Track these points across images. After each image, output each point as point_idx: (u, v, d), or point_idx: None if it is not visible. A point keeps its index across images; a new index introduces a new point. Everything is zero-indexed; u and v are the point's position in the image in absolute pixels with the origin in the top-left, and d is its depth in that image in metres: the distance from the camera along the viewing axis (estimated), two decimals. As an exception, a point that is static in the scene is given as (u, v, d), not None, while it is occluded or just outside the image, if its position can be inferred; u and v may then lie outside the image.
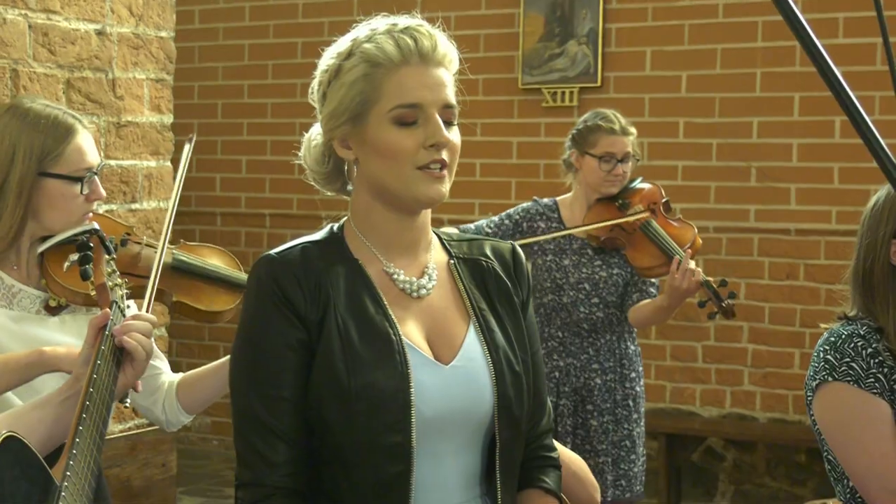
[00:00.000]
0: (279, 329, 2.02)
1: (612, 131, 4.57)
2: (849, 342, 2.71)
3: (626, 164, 4.57)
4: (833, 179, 6.64)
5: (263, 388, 2.03)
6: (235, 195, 8.15)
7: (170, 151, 4.94)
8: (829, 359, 2.71)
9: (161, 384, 2.97)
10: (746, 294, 6.85)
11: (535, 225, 4.64)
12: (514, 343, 2.17)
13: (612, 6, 7.09)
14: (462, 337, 2.13)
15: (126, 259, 2.97)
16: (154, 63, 4.81)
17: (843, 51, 6.44)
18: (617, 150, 4.56)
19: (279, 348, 2.02)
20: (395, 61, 2.05)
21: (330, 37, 2.22)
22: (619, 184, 4.59)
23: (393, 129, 2.04)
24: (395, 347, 2.03)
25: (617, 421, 4.56)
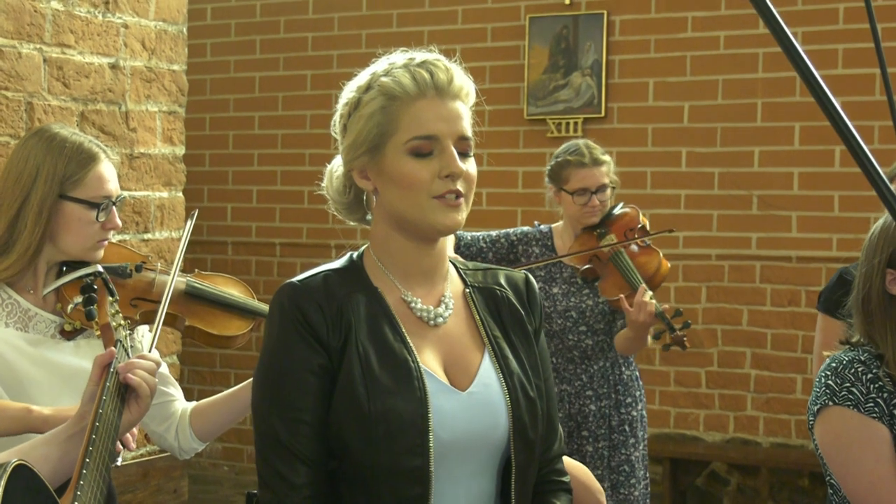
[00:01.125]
0: (301, 354, 2.04)
1: (581, 165, 4.50)
2: (849, 368, 2.71)
3: (602, 195, 4.52)
4: (833, 207, 6.64)
5: (285, 412, 2.04)
6: (246, 224, 8.16)
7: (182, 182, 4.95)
8: (830, 384, 2.71)
9: (174, 411, 2.97)
10: (749, 321, 6.84)
11: (531, 250, 4.64)
12: (528, 369, 2.19)
13: (615, 38, 7.11)
14: (477, 364, 2.15)
15: (141, 285, 2.99)
16: (166, 96, 4.83)
17: (843, 81, 6.45)
18: (590, 183, 4.50)
19: (301, 373, 2.04)
20: (412, 94, 2.08)
21: (338, 69, 2.24)
22: (599, 214, 4.55)
23: (409, 160, 2.07)
24: (414, 374, 2.05)
25: (613, 446, 4.52)
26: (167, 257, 4.74)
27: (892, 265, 2.76)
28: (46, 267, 2.86)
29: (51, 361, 2.79)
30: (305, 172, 7.78)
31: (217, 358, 7.98)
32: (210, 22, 8.19)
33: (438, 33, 7.43)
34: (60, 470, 2.26)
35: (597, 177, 4.51)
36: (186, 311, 3.03)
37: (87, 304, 2.61)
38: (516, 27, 7.34)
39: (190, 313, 3.03)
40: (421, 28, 7.52)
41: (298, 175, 7.89)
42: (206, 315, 3.07)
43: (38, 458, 2.22)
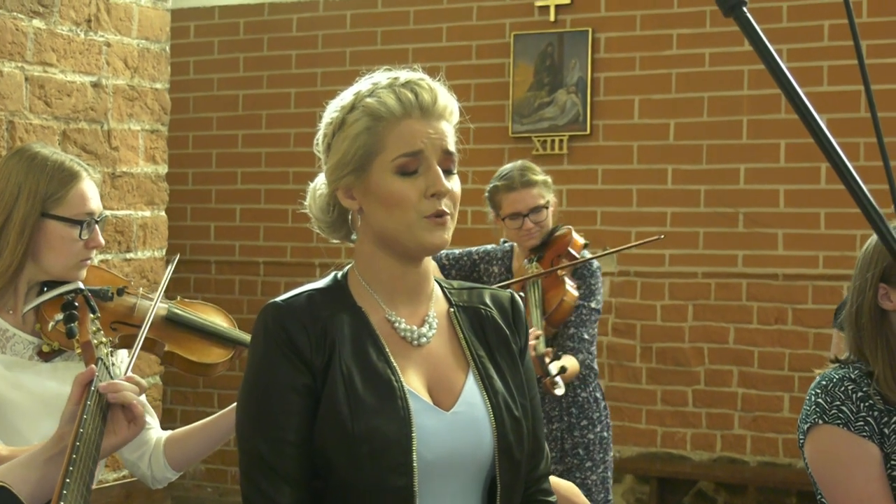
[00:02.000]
0: (285, 374, 2.05)
1: (510, 189, 4.47)
2: (839, 386, 2.71)
3: (536, 216, 4.48)
4: (819, 225, 6.66)
5: (269, 432, 2.04)
6: (230, 243, 8.15)
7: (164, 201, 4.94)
8: (819, 402, 2.71)
9: (149, 439, 2.96)
10: (735, 339, 6.85)
11: (491, 269, 4.62)
12: (513, 389, 2.19)
13: (600, 55, 7.13)
14: (461, 384, 2.15)
15: (122, 309, 2.98)
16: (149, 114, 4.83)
17: (828, 99, 6.48)
18: (520, 206, 4.47)
19: (285, 392, 2.04)
20: (397, 115, 2.09)
21: (322, 87, 2.25)
22: (537, 236, 4.52)
23: (396, 178, 2.08)
24: (398, 393, 2.06)
25: (567, 470, 4.48)
26: (150, 277, 4.73)
27: (886, 279, 2.76)
28: (27, 287, 2.85)
29: (29, 384, 2.78)
30: (289, 190, 7.78)
31: (200, 379, 7.95)
32: (193, 40, 8.19)
33: (423, 51, 7.44)
34: (39, 493, 2.23)
35: (527, 199, 4.47)
36: (166, 337, 3.03)
37: (68, 322, 2.60)
38: (501, 45, 7.36)
39: (170, 339, 3.03)
40: (405, 46, 7.53)
41: (282, 193, 7.89)
42: (186, 342, 3.06)
43: (17, 480, 2.21)
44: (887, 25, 6.47)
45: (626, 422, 7.08)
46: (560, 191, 7.13)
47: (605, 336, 7.08)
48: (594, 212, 7.12)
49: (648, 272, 7.03)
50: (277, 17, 7.99)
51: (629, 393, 7.08)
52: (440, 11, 7.51)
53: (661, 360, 7.00)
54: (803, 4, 6.66)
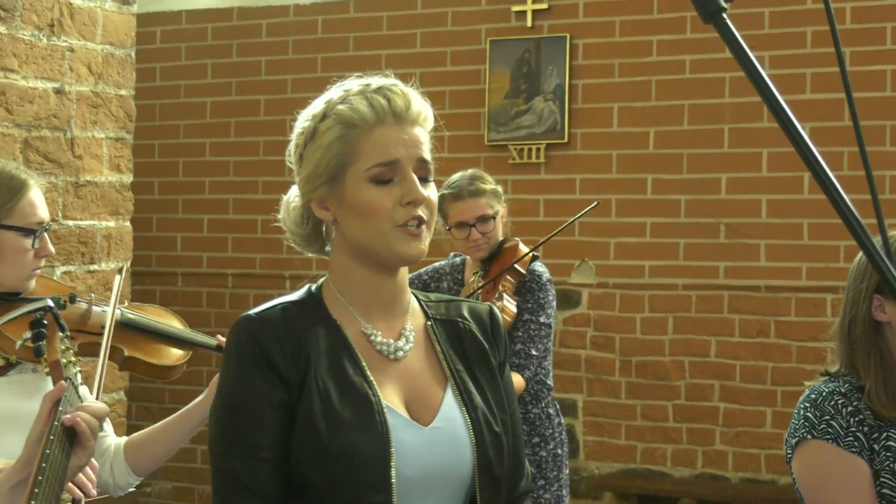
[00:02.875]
0: (260, 388, 2.04)
1: (457, 198, 4.48)
2: (829, 400, 2.72)
3: (483, 226, 4.48)
4: (803, 235, 6.69)
5: (243, 448, 2.04)
6: (197, 255, 8.13)
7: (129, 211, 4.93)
8: (808, 416, 2.72)
9: (107, 447, 2.96)
10: (717, 352, 6.87)
11: (440, 286, 4.61)
12: (493, 404, 2.20)
13: (578, 62, 7.15)
14: (440, 398, 2.16)
15: (75, 317, 2.99)
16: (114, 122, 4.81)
17: (811, 106, 6.51)
18: (467, 216, 4.47)
19: (259, 407, 2.04)
20: (370, 122, 2.09)
21: (293, 94, 2.25)
22: (485, 247, 4.51)
23: (370, 188, 2.08)
24: (375, 408, 2.06)
25: None
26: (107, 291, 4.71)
27: (880, 291, 2.77)
28: None
29: None
30: (258, 201, 7.77)
31: (166, 394, 7.92)
32: (160, 45, 8.17)
33: (396, 57, 7.45)
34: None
35: (473, 209, 4.47)
36: (125, 342, 3.04)
37: (37, 340, 2.60)
38: (477, 51, 7.37)
39: (128, 344, 3.05)
40: (378, 52, 7.53)
41: (251, 203, 7.87)
42: (144, 345, 3.08)
43: None
44: (871, 32, 6.51)
45: (604, 437, 7.09)
46: (537, 201, 7.15)
47: (583, 349, 7.09)
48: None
49: (628, 284, 7.04)
50: (246, 23, 7.98)
51: (608, 408, 7.09)
52: (414, 17, 7.52)
53: (641, 374, 7.01)
54: (786, 11, 6.69)
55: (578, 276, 7.13)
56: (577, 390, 7.11)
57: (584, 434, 7.13)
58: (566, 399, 7.09)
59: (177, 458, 7.58)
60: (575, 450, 7.10)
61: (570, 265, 7.13)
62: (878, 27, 6.53)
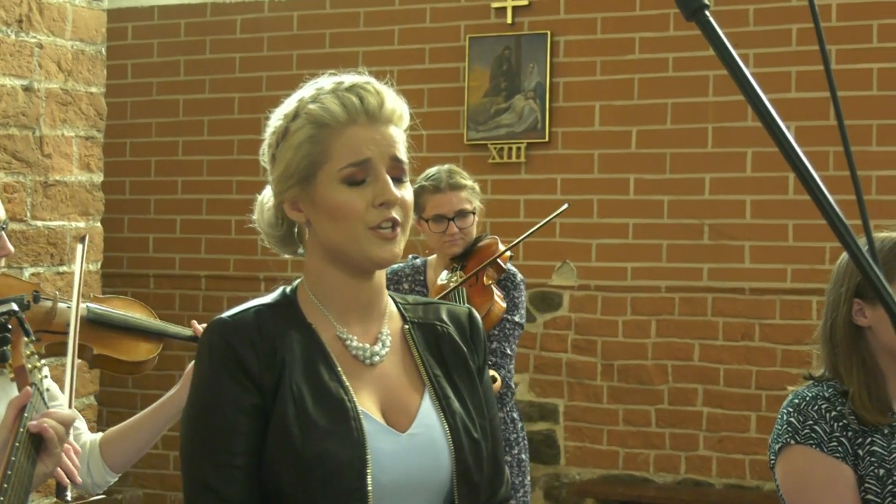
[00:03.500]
0: (232, 393, 2.03)
1: (436, 190, 4.50)
2: (813, 405, 2.73)
3: (461, 221, 4.50)
4: (788, 237, 6.71)
5: (215, 455, 2.03)
6: (169, 256, 8.11)
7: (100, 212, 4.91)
8: (792, 421, 2.73)
9: (82, 445, 2.95)
10: (700, 355, 6.89)
11: (400, 288, 4.61)
12: (472, 409, 2.20)
13: (559, 60, 7.16)
14: (417, 404, 2.15)
15: (40, 316, 2.97)
16: (84, 120, 4.80)
17: (796, 105, 6.54)
18: (446, 209, 4.49)
19: (232, 413, 2.03)
20: (342, 121, 2.09)
21: (268, 92, 2.25)
22: (460, 243, 4.53)
23: (342, 189, 2.07)
24: (351, 415, 2.05)
25: None
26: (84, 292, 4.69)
27: (860, 295, 2.78)
28: None
29: None
30: (233, 201, 7.75)
31: (137, 398, 7.90)
32: (131, 41, 8.15)
33: (373, 54, 7.44)
34: None
35: (454, 202, 4.50)
36: (93, 340, 3.03)
37: (1, 345, 2.59)
38: (456, 48, 7.37)
39: (96, 341, 3.03)
40: (355, 49, 7.53)
41: (225, 204, 7.86)
42: (113, 341, 3.07)
43: None
44: (857, 30, 6.54)
45: (586, 443, 7.10)
46: (517, 201, 7.16)
47: (564, 353, 7.10)
48: (553, 223, 7.12)
49: (610, 286, 7.05)
50: (220, 18, 7.96)
51: (589, 412, 7.10)
52: (392, 13, 7.52)
53: (623, 378, 7.02)
54: (770, 7, 6.71)
55: (559, 278, 7.14)
56: (557, 394, 7.12)
57: (565, 439, 7.13)
58: (547, 403, 7.10)
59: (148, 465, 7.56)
60: (556, 455, 7.10)
61: (551, 267, 7.14)
62: (865, 24, 6.55)
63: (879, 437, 2.71)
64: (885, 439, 2.71)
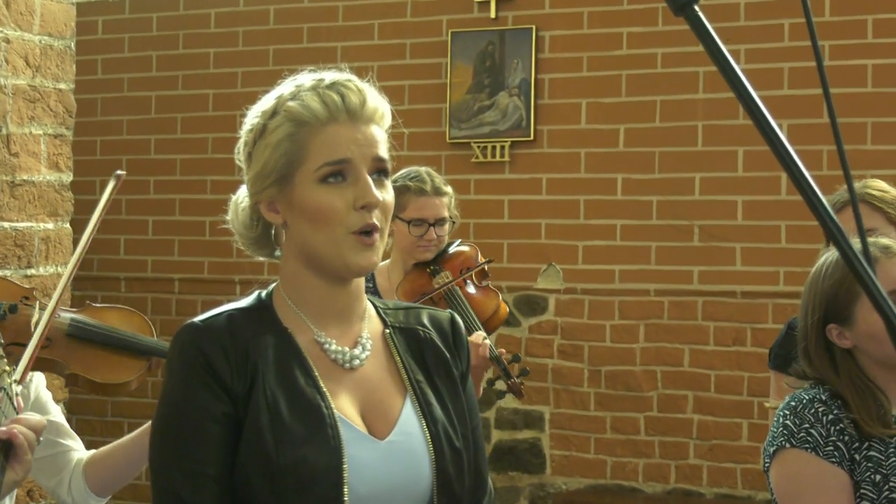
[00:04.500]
0: (203, 401, 2.03)
1: (421, 192, 4.47)
2: (809, 407, 2.74)
3: (440, 228, 4.50)
4: (780, 238, 6.72)
5: (186, 464, 2.03)
6: (141, 259, 8.09)
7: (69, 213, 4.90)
8: (787, 424, 2.74)
9: (68, 462, 2.92)
10: (691, 361, 6.90)
11: None
12: (454, 417, 2.20)
13: (544, 55, 7.16)
14: (398, 410, 2.15)
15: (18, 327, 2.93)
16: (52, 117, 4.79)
17: (789, 102, 6.55)
18: (428, 213, 4.48)
19: (203, 421, 2.02)
20: (322, 119, 2.08)
21: (243, 88, 2.24)
22: (434, 249, 4.53)
23: (321, 189, 2.07)
24: (327, 421, 2.05)
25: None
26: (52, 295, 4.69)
27: (832, 318, 2.80)
28: None
29: None
30: (207, 201, 7.74)
31: (108, 406, 7.89)
32: (101, 36, 8.14)
33: (353, 49, 7.44)
34: None
35: (437, 207, 4.48)
36: (69, 357, 2.97)
37: None
38: (437, 43, 7.37)
39: (73, 359, 2.98)
40: (334, 44, 7.53)
41: (199, 204, 7.85)
42: (92, 360, 3.01)
43: None
44: (851, 25, 6.55)
45: (572, 451, 7.11)
46: (501, 201, 7.16)
47: (550, 359, 7.11)
48: (538, 224, 7.14)
49: (597, 289, 7.06)
50: (194, 12, 7.95)
51: (576, 420, 7.11)
52: (371, 7, 7.52)
53: (611, 385, 7.03)
54: (762, 2, 6.72)
55: (545, 282, 7.14)
56: (543, 402, 7.12)
57: (551, 448, 7.14)
58: (532, 411, 7.11)
59: (119, 475, 7.52)
60: (541, 464, 7.11)
61: (536, 270, 7.15)
62: (859, 19, 6.57)
63: (877, 442, 2.72)
64: (882, 444, 2.72)
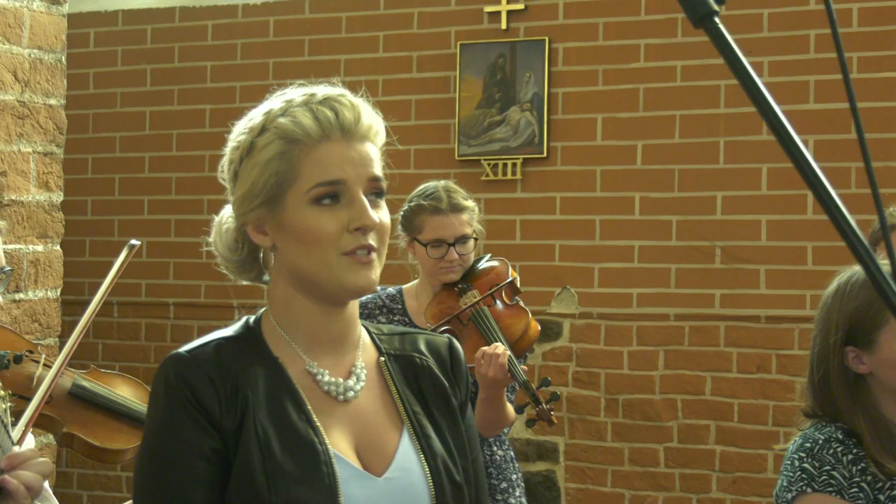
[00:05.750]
0: (190, 437, 2.01)
1: (436, 211, 4.39)
2: (827, 448, 2.72)
3: (462, 247, 4.40)
4: (807, 260, 6.72)
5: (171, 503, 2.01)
6: (135, 282, 8.10)
7: (59, 234, 4.91)
8: (806, 467, 2.72)
9: None
10: (713, 389, 6.88)
11: (376, 321, 4.54)
12: (454, 450, 2.18)
13: (558, 68, 7.17)
14: (395, 445, 2.14)
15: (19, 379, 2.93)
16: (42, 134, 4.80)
17: (815, 117, 6.54)
18: (447, 233, 4.38)
19: (190, 459, 2.01)
20: (315, 137, 2.07)
21: (242, 104, 2.24)
22: (458, 270, 4.43)
23: (313, 210, 2.06)
24: (322, 458, 2.03)
25: None
26: (42, 321, 4.69)
27: (853, 341, 2.79)
28: None
29: None
30: (203, 221, 7.66)
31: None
32: (93, 49, 8.16)
33: (356, 62, 7.46)
34: None
35: (455, 226, 4.39)
36: (68, 416, 2.98)
37: None
38: (446, 56, 7.39)
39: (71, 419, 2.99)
40: (336, 56, 7.54)
41: (195, 225, 7.83)
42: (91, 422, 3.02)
43: None
44: (881, 36, 6.55)
45: (588, 484, 7.09)
46: (513, 221, 7.16)
47: (564, 387, 7.09)
48: (551, 245, 7.14)
49: (614, 314, 7.06)
50: (190, 24, 7.97)
51: (592, 451, 7.09)
52: (376, 18, 7.53)
53: (629, 414, 7.02)
54: (787, 12, 6.72)
55: (559, 306, 7.14)
56: (557, 432, 7.11)
57: (566, 480, 7.12)
58: (546, 442, 7.09)
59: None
60: (556, 498, 7.09)
61: (550, 293, 7.14)
62: (888, 30, 6.57)
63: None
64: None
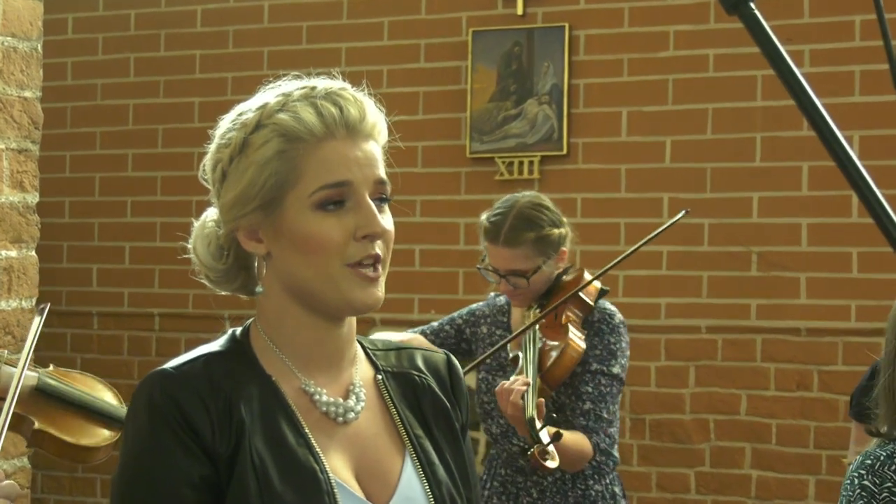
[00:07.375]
0: (178, 463, 1.98)
1: (493, 237, 4.38)
2: (889, 465, 2.75)
3: (517, 279, 4.35)
4: (852, 268, 6.71)
5: None
6: (117, 291, 8.11)
7: (35, 238, 4.91)
8: (866, 484, 2.75)
9: None
10: (748, 409, 6.88)
11: (478, 331, 4.52)
12: (457, 477, 2.18)
13: (579, 58, 7.17)
14: (398, 471, 2.13)
15: None
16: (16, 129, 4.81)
17: (861, 111, 6.53)
18: (499, 263, 4.37)
19: (177, 486, 1.98)
20: (318, 134, 2.05)
21: (234, 96, 2.24)
22: (523, 298, 4.41)
23: (316, 216, 2.04)
24: (323, 487, 2.02)
25: None
26: (16, 333, 4.70)
27: None
28: None
29: None
30: (191, 225, 7.73)
31: (79, 460, 7.89)
32: (72, 36, 8.18)
33: (359, 51, 7.46)
34: None
35: (507, 260, 4.36)
36: (36, 412, 2.99)
37: None
38: (457, 44, 7.39)
39: (40, 414, 3.00)
40: (337, 45, 7.55)
41: (183, 228, 7.81)
42: (61, 418, 3.03)
43: None
44: (932, 22, 6.55)
45: (612, 513, 7.09)
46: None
47: (586, 406, 7.09)
48: (573, 250, 7.13)
49: (640, 326, 7.05)
50: (178, 9, 7.99)
51: (617, 477, 7.09)
52: (381, 3, 7.54)
53: (657, 436, 7.02)
54: (829, -5, 6.73)
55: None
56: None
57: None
58: (566, 466, 7.09)
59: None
60: (576, 528, 7.09)
61: (571, 303, 7.14)
62: (941, 16, 6.57)
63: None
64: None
